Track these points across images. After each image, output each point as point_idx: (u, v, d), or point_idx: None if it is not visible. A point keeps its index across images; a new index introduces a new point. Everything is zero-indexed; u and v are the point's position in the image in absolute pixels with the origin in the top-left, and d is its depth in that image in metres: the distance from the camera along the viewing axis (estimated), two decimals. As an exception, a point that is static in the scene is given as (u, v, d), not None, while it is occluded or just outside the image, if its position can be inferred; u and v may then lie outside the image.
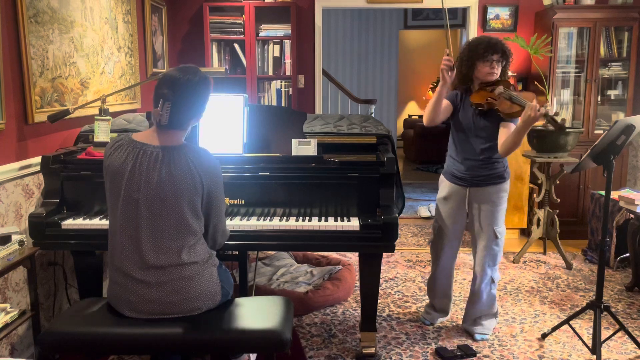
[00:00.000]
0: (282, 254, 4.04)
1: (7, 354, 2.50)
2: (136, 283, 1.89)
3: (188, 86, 1.88)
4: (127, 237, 1.90)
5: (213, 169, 1.95)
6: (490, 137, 2.76)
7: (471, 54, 2.74)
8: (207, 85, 1.94)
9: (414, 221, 5.42)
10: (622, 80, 4.75)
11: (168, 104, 1.85)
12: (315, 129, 2.93)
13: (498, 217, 2.85)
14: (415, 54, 10.81)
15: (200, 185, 1.91)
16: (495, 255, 2.89)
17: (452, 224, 2.95)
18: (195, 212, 1.93)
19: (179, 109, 1.87)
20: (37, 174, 2.71)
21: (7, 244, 2.27)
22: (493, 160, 2.80)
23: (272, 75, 4.88)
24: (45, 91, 2.80)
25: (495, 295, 2.99)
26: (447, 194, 2.93)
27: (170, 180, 1.87)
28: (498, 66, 2.74)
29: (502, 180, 2.83)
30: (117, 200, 1.91)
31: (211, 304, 1.98)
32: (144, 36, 4.21)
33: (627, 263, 3.98)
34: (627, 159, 4.81)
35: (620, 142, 2.59)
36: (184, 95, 1.87)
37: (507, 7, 4.97)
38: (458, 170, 2.87)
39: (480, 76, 2.75)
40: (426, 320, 3.16)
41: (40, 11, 2.73)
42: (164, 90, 1.86)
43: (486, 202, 2.83)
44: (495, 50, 2.71)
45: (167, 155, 1.88)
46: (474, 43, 2.76)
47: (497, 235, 2.85)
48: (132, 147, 1.91)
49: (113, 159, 1.91)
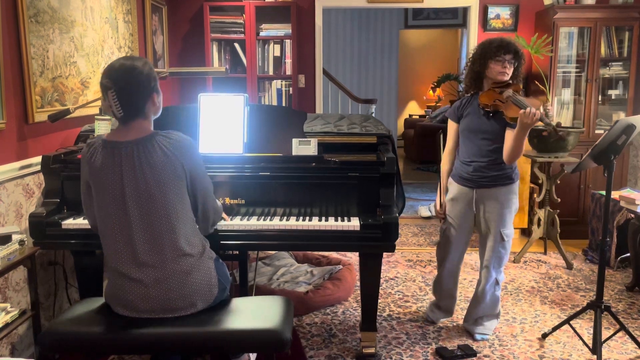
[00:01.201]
0: (282, 253, 4.04)
1: (7, 353, 2.50)
2: (133, 282, 1.89)
3: (122, 69, 1.86)
4: (120, 237, 1.90)
5: (188, 148, 1.93)
6: (496, 139, 2.76)
7: (484, 52, 2.76)
8: (143, 63, 1.90)
9: (414, 221, 5.41)
10: (622, 80, 4.74)
11: (112, 93, 1.83)
12: (315, 129, 2.93)
13: (505, 219, 2.83)
14: (415, 54, 10.81)
15: (181, 169, 1.90)
16: (501, 258, 2.88)
17: (460, 226, 2.94)
18: (183, 199, 1.93)
19: (124, 94, 1.85)
20: (37, 173, 2.71)
21: (8, 244, 2.27)
22: (500, 162, 2.78)
23: (273, 75, 4.88)
24: (46, 91, 2.80)
25: (499, 296, 2.99)
26: (455, 196, 2.93)
27: (151, 172, 1.86)
28: (510, 66, 2.75)
29: (511, 181, 2.82)
30: (103, 203, 1.90)
31: (209, 297, 1.97)
32: (144, 36, 4.21)
33: (627, 263, 3.98)
34: (627, 159, 4.80)
35: (620, 142, 2.59)
36: (122, 78, 1.84)
37: (507, 6, 4.97)
38: (465, 171, 2.87)
39: (492, 75, 2.76)
40: (429, 317, 3.17)
41: (40, 11, 2.73)
42: (103, 81, 1.85)
43: (493, 204, 2.82)
44: (508, 50, 2.72)
45: (142, 148, 1.87)
46: (487, 42, 2.79)
47: (503, 238, 2.83)
48: (107, 148, 1.89)
49: (92, 163, 1.90)
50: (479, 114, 2.80)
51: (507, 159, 2.72)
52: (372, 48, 9.87)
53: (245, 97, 2.67)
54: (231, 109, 2.65)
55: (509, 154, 2.70)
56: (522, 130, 2.58)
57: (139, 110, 1.91)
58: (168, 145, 1.89)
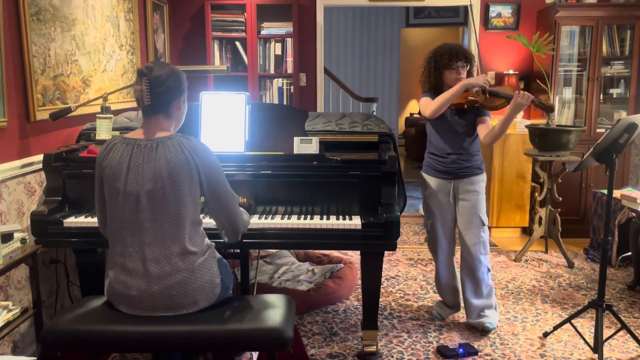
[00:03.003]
0: (283, 252, 4.04)
1: (9, 351, 2.50)
2: (138, 277, 1.90)
3: (159, 64, 1.99)
4: (128, 233, 1.91)
5: (207, 155, 1.97)
6: (467, 132, 2.96)
7: (437, 64, 2.94)
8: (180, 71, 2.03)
9: (415, 219, 5.41)
10: (624, 78, 4.74)
11: (146, 80, 1.91)
12: (317, 127, 2.93)
13: (482, 205, 3.00)
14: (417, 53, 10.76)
15: (196, 171, 1.92)
16: (485, 242, 3.01)
17: (444, 217, 3.06)
18: (195, 200, 1.95)
19: (157, 84, 1.92)
20: (39, 171, 2.71)
21: (9, 242, 2.28)
22: (473, 153, 3.00)
23: (274, 74, 4.88)
24: (47, 89, 2.80)
25: (492, 286, 3.06)
26: (434, 189, 3.05)
27: (167, 169, 1.89)
28: (463, 71, 2.93)
29: (481, 171, 3.03)
30: (116, 199, 1.91)
31: (211, 296, 1.98)
32: (145, 34, 4.21)
33: (629, 262, 3.98)
34: (629, 158, 4.80)
35: (622, 141, 2.59)
36: (157, 70, 1.93)
37: (509, 5, 4.96)
38: (442, 164, 3.01)
39: (449, 82, 2.91)
40: (439, 315, 3.22)
41: (42, 9, 2.73)
42: (142, 70, 1.95)
43: (471, 192, 2.99)
44: (459, 58, 2.89)
45: (161, 146, 1.91)
46: (437, 54, 2.95)
47: (483, 222, 2.99)
48: (126, 144, 1.94)
49: (109, 160, 1.93)
50: (448, 112, 2.94)
51: (488, 141, 2.91)
52: (373, 47, 9.86)
53: (247, 96, 2.67)
54: (232, 108, 2.65)
55: (493, 137, 2.88)
56: (515, 111, 2.78)
57: (165, 106, 1.96)
58: (187, 146, 1.93)
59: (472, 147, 2.99)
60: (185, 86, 2.03)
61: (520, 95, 2.75)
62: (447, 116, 2.95)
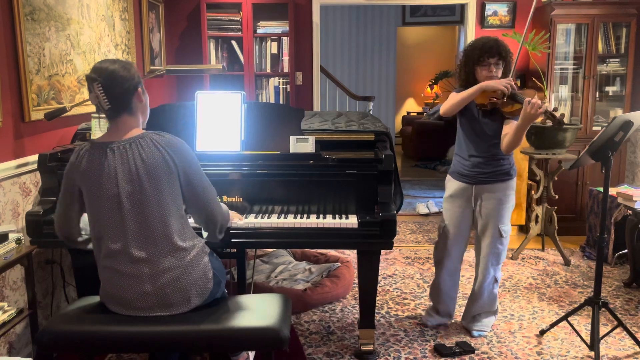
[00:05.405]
0: (280, 251, 4.03)
1: (5, 352, 2.50)
2: (128, 278, 1.89)
3: (106, 64, 1.93)
4: (114, 235, 1.90)
5: (183, 149, 1.95)
6: (495, 135, 2.76)
7: (467, 59, 2.75)
8: (126, 62, 1.98)
9: (412, 218, 5.42)
10: (620, 76, 4.75)
11: (98, 85, 1.87)
12: (313, 126, 2.92)
13: (503, 215, 2.82)
14: (413, 51, 10.80)
15: (173, 165, 1.91)
16: (499, 255, 2.87)
17: (459, 223, 2.91)
18: (175, 195, 1.93)
19: (108, 86, 1.88)
20: (34, 172, 2.70)
21: (4, 243, 2.27)
22: (498, 158, 2.78)
23: (270, 72, 4.88)
24: (42, 89, 2.79)
25: (497, 294, 3.00)
26: (453, 192, 2.90)
27: (144, 168, 1.87)
28: (497, 69, 2.72)
29: (509, 177, 2.82)
30: (98, 204, 1.90)
31: (204, 290, 1.97)
32: (141, 33, 4.20)
33: (625, 259, 3.99)
34: (625, 155, 4.81)
35: (618, 139, 2.60)
36: (107, 70, 1.89)
37: (505, 3, 4.97)
38: (464, 167, 2.85)
39: (480, 79, 2.74)
40: (428, 322, 3.09)
41: (36, 8, 2.72)
42: (89, 75, 1.90)
43: (491, 200, 2.81)
44: (491, 54, 2.69)
45: (135, 146, 1.89)
46: (469, 48, 2.76)
47: (502, 234, 2.83)
48: (98, 149, 1.91)
49: (84, 166, 1.91)
50: (475, 112, 2.79)
51: (505, 148, 2.71)
52: (369, 45, 9.86)
53: (243, 95, 2.67)
54: (228, 107, 2.65)
55: (508, 145, 2.68)
56: (526, 121, 2.55)
57: (126, 104, 1.93)
58: (160, 141, 1.91)
59: (499, 151, 2.76)
60: (139, 75, 1.98)
61: (530, 104, 2.49)
62: (476, 116, 2.78)
